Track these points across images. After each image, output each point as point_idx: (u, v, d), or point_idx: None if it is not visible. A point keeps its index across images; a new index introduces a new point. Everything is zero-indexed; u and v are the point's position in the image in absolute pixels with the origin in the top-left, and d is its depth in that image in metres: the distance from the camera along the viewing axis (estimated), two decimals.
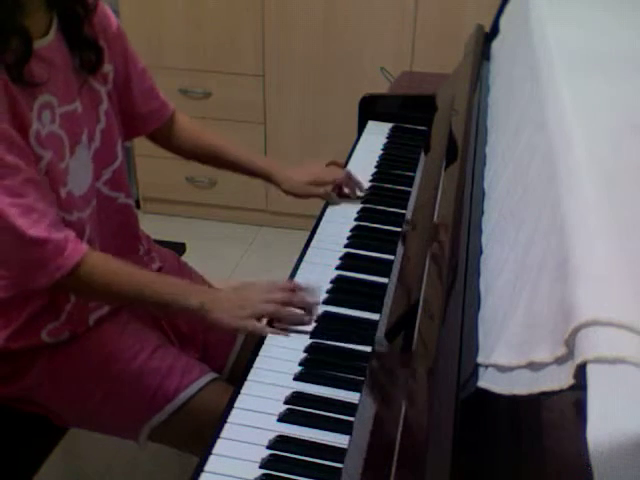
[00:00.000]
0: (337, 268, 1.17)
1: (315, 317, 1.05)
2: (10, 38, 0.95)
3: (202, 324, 1.07)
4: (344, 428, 0.86)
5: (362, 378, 0.93)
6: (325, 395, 0.92)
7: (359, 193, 1.39)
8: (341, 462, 0.81)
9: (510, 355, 0.57)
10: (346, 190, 1.39)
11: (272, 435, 0.86)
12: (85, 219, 1.11)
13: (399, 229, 1.27)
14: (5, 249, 1.00)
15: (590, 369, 0.44)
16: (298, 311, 1.04)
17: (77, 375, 1.13)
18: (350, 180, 1.39)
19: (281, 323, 1.03)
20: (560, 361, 0.49)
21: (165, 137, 1.34)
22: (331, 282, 1.14)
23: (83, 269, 1.00)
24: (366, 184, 1.44)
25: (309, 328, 1.03)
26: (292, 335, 1.02)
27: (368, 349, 0.99)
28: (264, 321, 1.03)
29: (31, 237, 0.96)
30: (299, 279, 1.15)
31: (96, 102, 1.14)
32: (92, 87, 1.13)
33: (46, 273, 0.99)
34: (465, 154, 1.08)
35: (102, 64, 1.13)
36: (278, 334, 1.01)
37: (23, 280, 1.04)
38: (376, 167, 1.52)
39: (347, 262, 1.19)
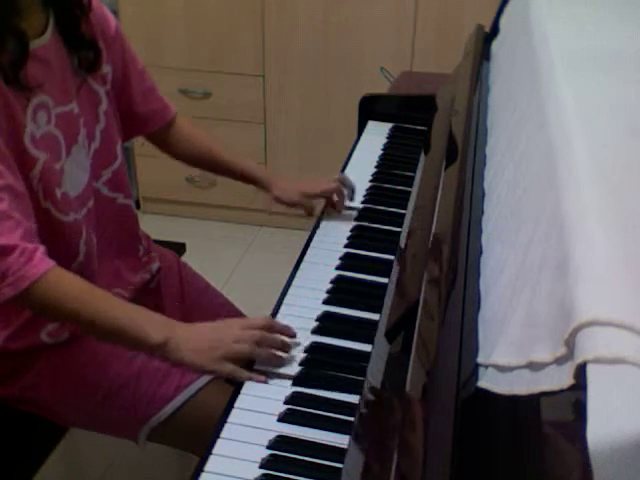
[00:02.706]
0: (337, 268, 1.18)
1: (292, 359, 0.98)
2: (5, 39, 0.95)
3: (166, 360, 0.99)
4: (344, 428, 0.86)
5: (362, 378, 0.93)
6: (325, 395, 0.92)
7: (350, 204, 1.36)
8: (341, 462, 0.82)
9: (510, 355, 0.57)
10: (335, 198, 1.35)
11: (272, 435, 0.86)
12: (81, 220, 1.11)
13: (399, 229, 1.27)
14: None
15: (590, 369, 0.44)
16: (275, 351, 0.97)
17: (76, 375, 1.13)
18: (343, 188, 1.35)
19: (259, 365, 0.97)
20: (560, 361, 0.49)
21: (163, 140, 1.34)
22: (331, 282, 1.14)
23: (48, 283, 0.95)
24: (366, 184, 1.44)
25: (290, 372, 0.96)
26: (269, 382, 0.95)
27: (368, 349, 0.99)
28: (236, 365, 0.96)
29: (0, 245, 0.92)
30: (299, 279, 1.15)
31: (95, 103, 1.14)
32: (91, 88, 1.13)
33: (11, 282, 0.94)
34: (465, 154, 1.08)
35: (100, 64, 1.13)
36: (256, 379, 0.95)
37: None
38: (376, 167, 1.52)
39: (347, 262, 1.19)
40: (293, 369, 0.97)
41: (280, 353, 0.98)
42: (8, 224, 0.93)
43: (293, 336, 1.02)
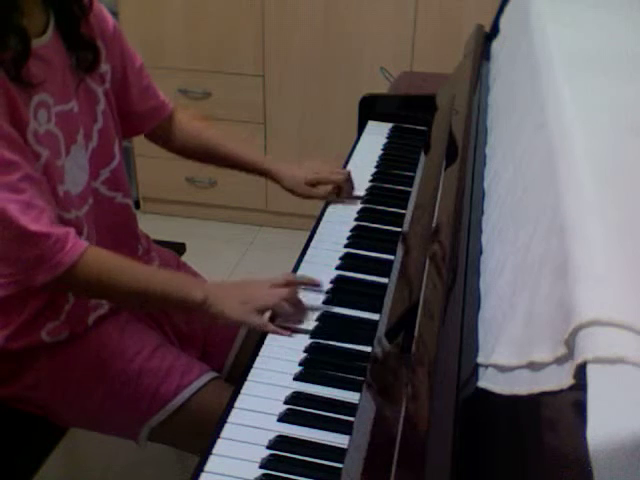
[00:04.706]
0: (337, 268, 1.17)
1: (316, 313, 1.06)
2: (8, 37, 0.95)
3: (204, 318, 1.07)
4: (344, 428, 0.86)
5: (362, 378, 0.93)
6: (325, 395, 0.92)
7: (357, 193, 1.39)
8: (341, 462, 0.81)
9: (510, 355, 0.57)
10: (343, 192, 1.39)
11: (272, 435, 0.86)
12: (82, 218, 1.11)
13: (399, 229, 1.27)
14: (5, 246, 0.99)
15: (590, 369, 0.44)
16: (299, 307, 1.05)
17: (77, 375, 1.13)
18: (349, 181, 1.39)
19: (282, 321, 1.04)
20: (560, 361, 0.49)
21: (163, 136, 1.34)
22: (331, 282, 1.14)
23: (84, 265, 0.99)
24: (366, 184, 1.44)
25: (310, 327, 1.03)
26: (293, 336, 1.02)
27: (368, 349, 0.99)
28: (266, 317, 1.04)
29: (33, 232, 0.95)
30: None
31: (93, 102, 1.14)
32: (89, 87, 1.13)
33: (47, 268, 0.98)
34: (465, 154, 1.08)
35: (99, 64, 1.13)
36: (280, 333, 1.02)
37: (23, 277, 1.01)
38: (376, 167, 1.52)
39: (347, 262, 1.19)
40: (310, 325, 1.04)
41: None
42: (34, 213, 0.96)
43: (318, 285, 1.11)
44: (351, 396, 0.91)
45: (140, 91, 1.25)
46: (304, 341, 1.01)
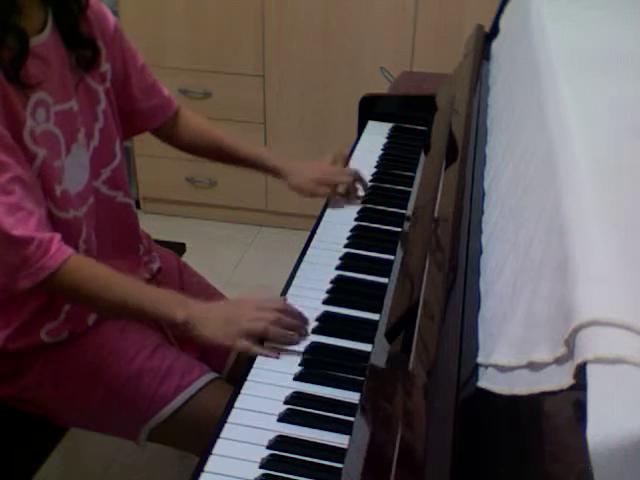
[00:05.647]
0: (337, 268, 1.17)
1: (304, 339, 1.01)
2: (6, 37, 0.95)
3: (187, 337, 1.04)
4: (344, 428, 0.86)
5: (362, 378, 0.93)
6: (325, 395, 0.92)
7: (361, 193, 1.39)
8: (341, 462, 0.81)
9: (510, 355, 0.57)
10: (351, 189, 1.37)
11: (272, 435, 0.86)
12: (81, 217, 1.11)
13: (399, 229, 1.27)
14: None
15: (590, 369, 0.44)
16: (287, 331, 1.00)
17: (76, 375, 1.13)
18: (358, 181, 1.38)
19: (271, 342, 0.99)
20: (560, 361, 0.49)
21: (169, 133, 1.33)
22: (331, 282, 1.14)
23: (67, 272, 0.98)
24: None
25: (300, 348, 1.00)
26: (282, 356, 0.98)
27: (368, 349, 0.99)
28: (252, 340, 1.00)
29: (15, 237, 0.94)
30: (299, 279, 1.15)
31: (94, 101, 1.14)
32: (89, 86, 1.13)
33: (29, 274, 0.97)
34: (465, 154, 1.08)
35: (99, 62, 1.13)
36: (267, 355, 0.98)
37: (5, 281, 1.01)
38: (376, 167, 1.52)
39: (347, 262, 1.19)
40: (302, 346, 0.99)
41: (292, 333, 1.01)
42: (21, 215, 0.95)
43: (305, 321, 1.03)
44: (351, 396, 0.91)
45: (143, 90, 1.25)
46: (304, 341, 1.01)
